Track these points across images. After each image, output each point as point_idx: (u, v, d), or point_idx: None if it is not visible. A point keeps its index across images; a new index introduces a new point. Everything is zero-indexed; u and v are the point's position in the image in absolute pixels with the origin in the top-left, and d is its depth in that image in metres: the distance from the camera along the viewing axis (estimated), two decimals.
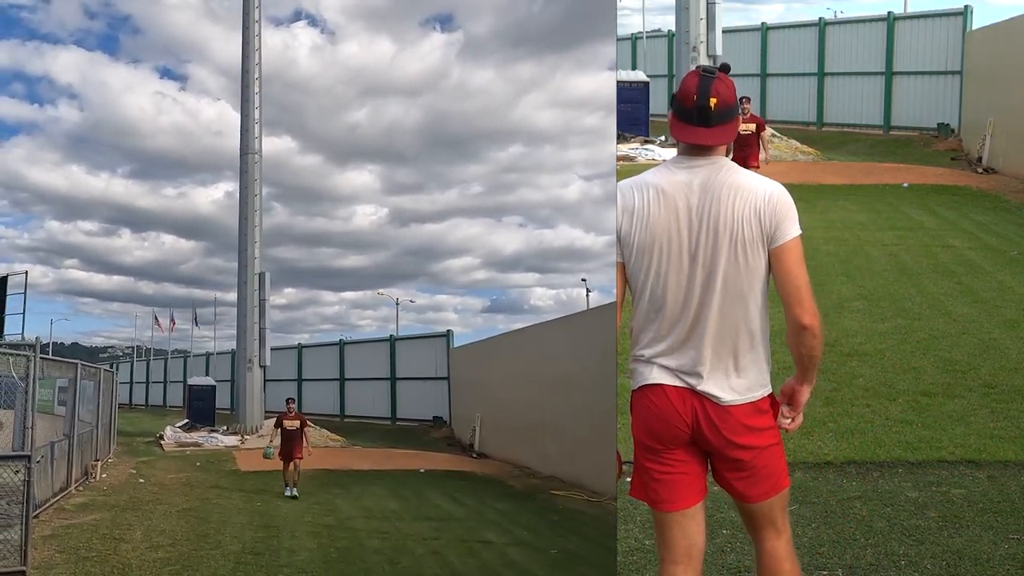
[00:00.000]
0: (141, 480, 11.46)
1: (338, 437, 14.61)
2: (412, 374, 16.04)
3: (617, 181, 3.85)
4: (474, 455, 14.13)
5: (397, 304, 17.38)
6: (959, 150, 26.53)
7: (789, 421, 3.84)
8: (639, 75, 27.75)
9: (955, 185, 22.10)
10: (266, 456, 11.77)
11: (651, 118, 26.88)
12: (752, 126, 13.71)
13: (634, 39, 37.78)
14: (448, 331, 15.87)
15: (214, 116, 16.80)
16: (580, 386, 12.16)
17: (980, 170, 23.84)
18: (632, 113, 25.84)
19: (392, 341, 16.40)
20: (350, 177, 18.06)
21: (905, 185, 21.86)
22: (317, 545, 8.78)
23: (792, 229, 3.58)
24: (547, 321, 14.38)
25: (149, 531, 8.93)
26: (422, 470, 12.99)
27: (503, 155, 17.45)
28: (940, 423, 7.92)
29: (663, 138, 25.90)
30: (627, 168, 19.50)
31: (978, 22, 27.78)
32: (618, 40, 36.01)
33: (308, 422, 12.02)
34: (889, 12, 30.28)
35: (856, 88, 30.89)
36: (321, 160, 17.67)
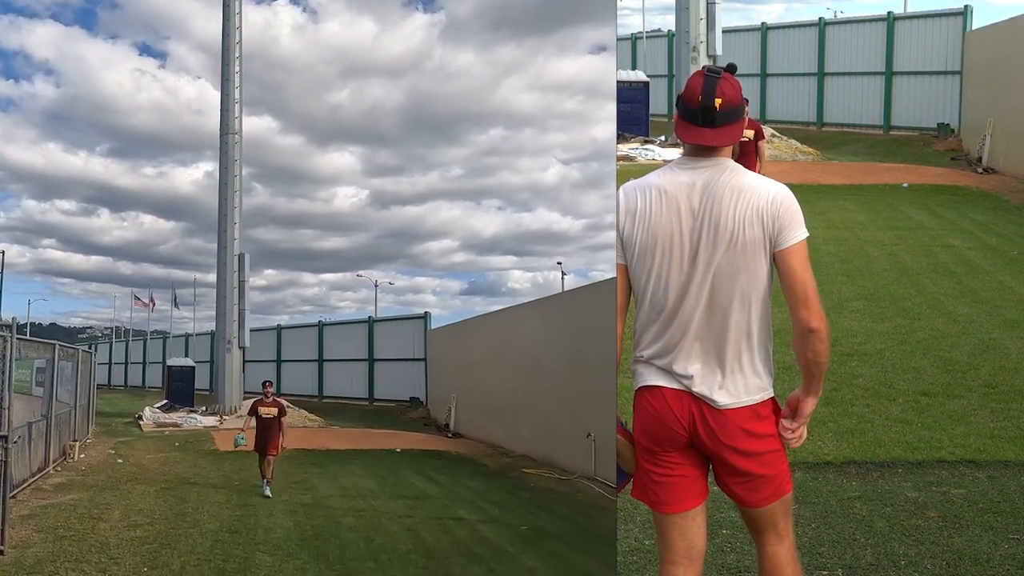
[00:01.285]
0: (119, 460, 11.49)
1: (316, 417, 14.74)
2: (390, 355, 16.17)
3: (617, 181, 3.85)
4: (449, 435, 14.33)
5: (376, 286, 17.48)
6: (959, 150, 26.51)
7: (791, 434, 3.68)
8: (639, 75, 27.71)
9: (955, 185, 22.10)
10: (236, 444, 11.10)
11: (651, 118, 26.85)
12: (750, 133, 12.89)
13: (634, 39, 37.75)
14: (426, 313, 15.98)
15: (194, 94, 16.65)
16: (552, 368, 12.42)
17: (980, 170, 23.83)
18: (632, 113, 25.80)
19: (370, 323, 16.50)
20: (331, 158, 18.02)
21: (905, 185, 21.85)
22: (294, 523, 8.89)
23: (797, 233, 3.54)
24: (521, 304, 14.58)
25: (127, 510, 9.01)
26: (398, 449, 13.17)
27: (483, 138, 17.46)
28: (940, 423, 7.93)
29: (663, 138, 25.89)
30: (627, 168, 19.49)
31: (978, 22, 27.78)
32: (618, 40, 35.99)
33: (286, 408, 11.20)
34: (889, 12, 30.26)
35: (856, 88, 30.87)
36: (302, 141, 17.60)
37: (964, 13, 27.75)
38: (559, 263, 18.29)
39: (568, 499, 10.27)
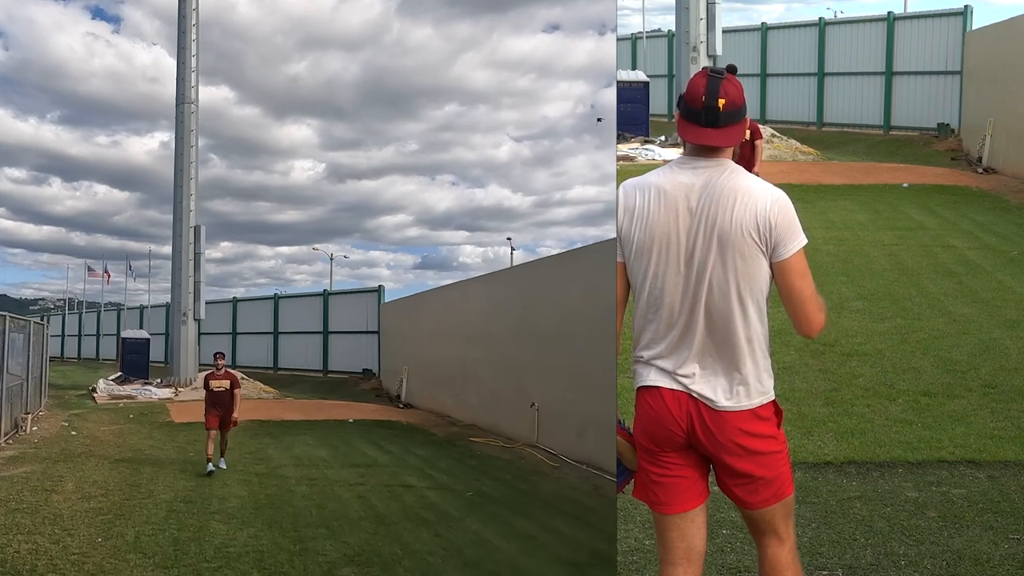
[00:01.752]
0: (73, 433, 11.49)
1: (271, 389, 14.82)
2: (344, 328, 16.29)
3: (618, 181, 3.84)
4: (401, 405, 14.60)
5: (331, 259, 17.56)
6: (959, 150, 26.51)
7: None
8: (639, 75, 27.71)
9: (955, 185, 22.09)
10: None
11: (651, 118, 26.85)
12: (747, 132, 12.92)
13: (634, 39, 37.73)
14: (379, 286, 16.10)
15: (149, 62, 16.43)
16: (499, 339, 12.84)
17: (980, 170, 23.83)
18: (632, 113, 25.80)
19: (325, 296, 16.59)
20: (289, 131, 17.98)
21: (905, 185, 21.85)
22: (248, 492, 9.02)
23: (794, 243, 3.54)
24: (471, 278, 14.80)
25: (81, 482, 9.08)
26: (351, 420, 13.45)
27: (439, 113, 17.51)
28: (940, 423, 7.93)
29: (663, 138, 25.89)
30: (627, 168, 19.49)
31: (978, 22, 27.77)
32: (618, 40, 35.98)
33: (240, 381, 10.76)
34: (889, 12, 30.26)
35: (856, 88, 30.87)
36: (259, 112, 17.52)
37: (964, 13, 27.74)
38: (508, 239, 18.48)
39: (512, 466, 10.69)
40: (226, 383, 10.42)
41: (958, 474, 6.84)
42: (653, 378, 3.65)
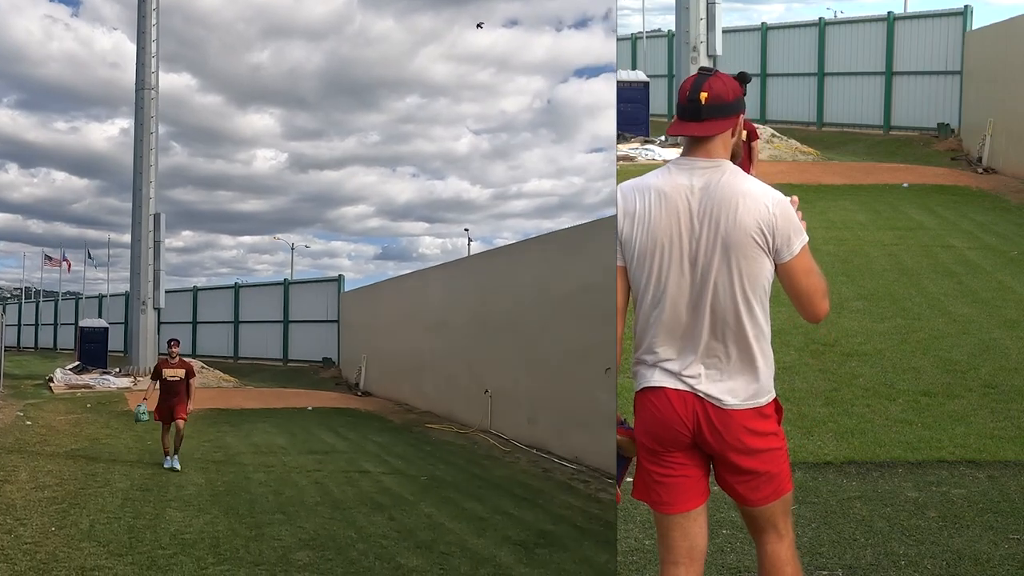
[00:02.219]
0: (28, 422, 11.45)
1: (231, 378, 14.82)
2: (304, 317, 16.33)
3: (618, 182, 3.85)
4: (359, 393, 14.69)
5: (292, 249, 17.62)
6: (959, 150, 26.50)
7: None
8: (639, 75, 27.71)
9: (955, 185, 22.09)
10: (138, 419, 10.10)
11: (651, 118, 26.85)
12: (743, 133, 12.22)
13: (634, 39, 37.73)
14: (339, 276, 16.14)
15: (109, 47, 16.27)
16: (455, 328, 13.07)
17: (980, 170, 23.83)
18: (632, 113, 25.80)
19: (286, 285, 16.59)
20: (251, 120, 17.93)
21: (905, 185, 21.85)
22: (205, 480, 9.08)
23: (796, 243, 3.58)
24: (429, 268, 14.89)
25: (35, 472, 9.09)
26: (310, 408, 13.61)
27: (400, 105, 17.56)
28: (940, 423, 7.93)
29: (663, 138, 25.88)
30: (627, 168, 19.49)
31: (978, 22, 27.76)
32: (618, 40, 36.00)
33: (195, 369, 10.27)
34: (889, 12, 30.26)
35: (856, 88, 30.87)
36: (222, 100, 17.44)
37: (964, 13, 27.74)
38: (466, 230, 18.57)
39: (465, 451, 10.96)
40: (181, 372, 9.88)
41: (958, 474, 6.85)
42: (658, 379, 3.66)
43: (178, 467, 9.56)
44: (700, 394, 3.60)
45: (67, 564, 6.53)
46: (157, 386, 9.88)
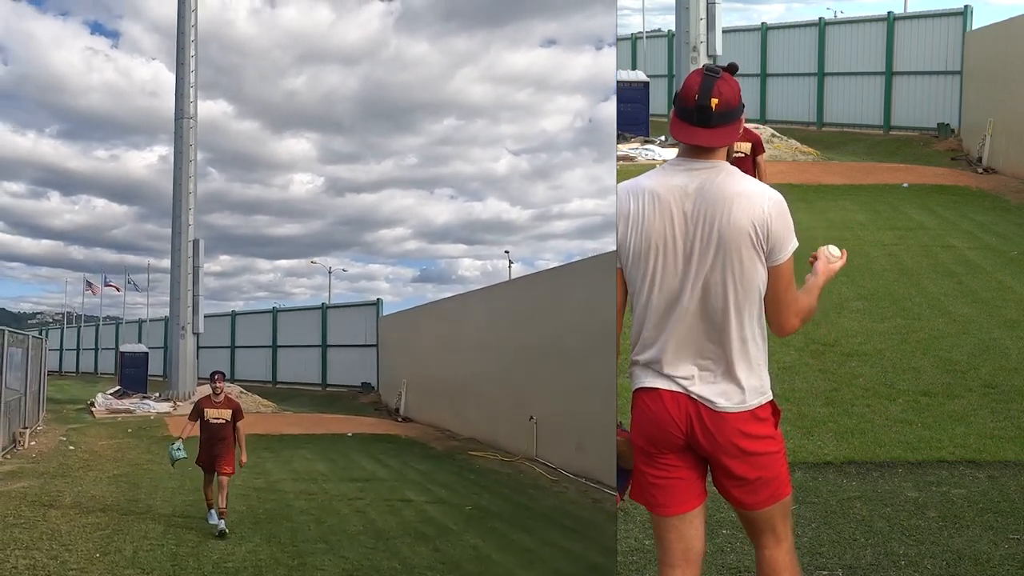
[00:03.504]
0: (71, 447, 11.45)
1: (269, 403, 14.80)
2: (342, 341, 16.31)
3: (618, 182, 3.83)
4: (399, 419, 14.60)
5: (330, 273, 17.61)
6: (959, 150, 26.50)
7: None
8: (639, 75, 27.70)
9: (955, 185, 22.09)
10: (173, 460, 8.37)
11: (651, 118, 26.83)
12: (747, 146, 10.48)
13: (634, 39, 37.72)
14: (378, 300, 16.14)
15: (148, 76, 16.44)
16: (498, 353, 12.84)
17: (980, 170, 23.82)
18: (632, 113, 25.79)
19: (324, 309, 16.61)
20: (287, 144, 18.02)
21: (905, 185, 21.84)
22: (246, 507, 8.97)
23: (786, 250, 3.56)
24: (470, 291, 14.87)
25: (79, 497, 9.04)
26: (349, 434, 13.40)
27: (438, 127, 17.57)
28: (940, 423, 7.93)
29: (663, 138, 25.86)
30: (627, 168, 19.50)
31: (978, 22, 27.75)
32: (618, 40, 35.97)
33: (242, 410, 8.47)
34: (889, 12, 30.25)
35: (856, 88, 30.86)
36: (258, 126, 17.54)
37: (964, 13, 27.74)
38: (507, 252, 18.55)
39: (511, 480, 10.68)
40: (227, 413, 8.28)
41: (958, 474, 6.84)
42: (651, 380, 3.65)
43: (225, 528, 7.98)
44: (693, 395, 3.59)
45: None
46: (196, 427, 8.31)
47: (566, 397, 10.94)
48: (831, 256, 3.87)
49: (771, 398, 3.67)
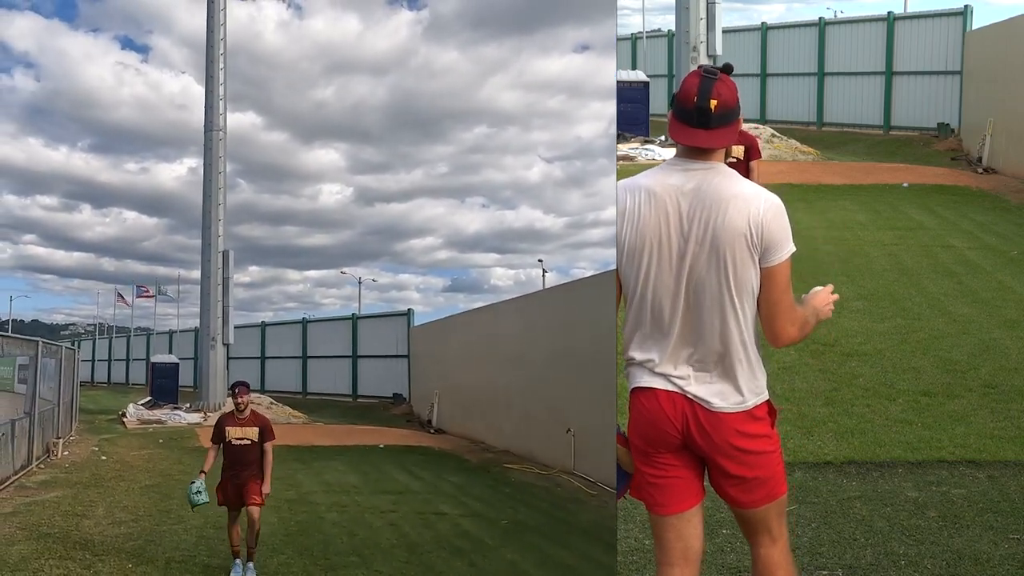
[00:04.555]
0: (103, 457, 11.47)
1: (300, 414, 14.77)
2: (373, 352, 16.24)
3: (617, 181, 3.83)
4: (432, 431, 14.49)
5: (360, 283, 17.57)
6: (959, 150, 26.50)
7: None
8: (639, 75, 27.71)
9: (955, 185, 22.09)
10: (192, 503, 7.10)
11: (651, 118, 26.84)
12: (740, 150, 9.93)
13: (634, 39, 37.73)
14: (409, 310, 16.09)
15: (177, 90, 16.53)
16: (533, 363, 12.62)
17: (980, 170, 23.82)
18: (632, 113, 25.80)
19: (354, 319, 16.57)
20: (316, 155, 18.01)
21: (905, 185, 21.85)
22: (278, 519, 8.89)
23: (784, 251, 3.54)
24: (503, 301, 14.75)
25: (111, 507, 9.04)
26: (381, 445, 13.25)
27: (468, 136, 17.53)
28: (940, 423, 7.92)
29: (663, 138, 25.87)
30: (627, 168, 19.49)
31: (978, 22, 27.77)
32: (618, 40, 35.97)
33: (272, 428, 7.13)
34: (889, 12, 30.27)
35: (856, 88, 30.88)
36: (287, 137, 17.56)
37: (964, 13, 27.75)
38: (540, 260, 18.43)
39: (548, 493, 10.44)
40: (253, 432, 6.98)
41: (958, 474, 6.84)
42: (647, 380, 3.64)
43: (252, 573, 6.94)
44: (689, 395, 3.59)
45: None
46: (218, 451, 7.06)
47: (603, 408, 10.66)
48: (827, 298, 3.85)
49: (767, 398, 3.67)
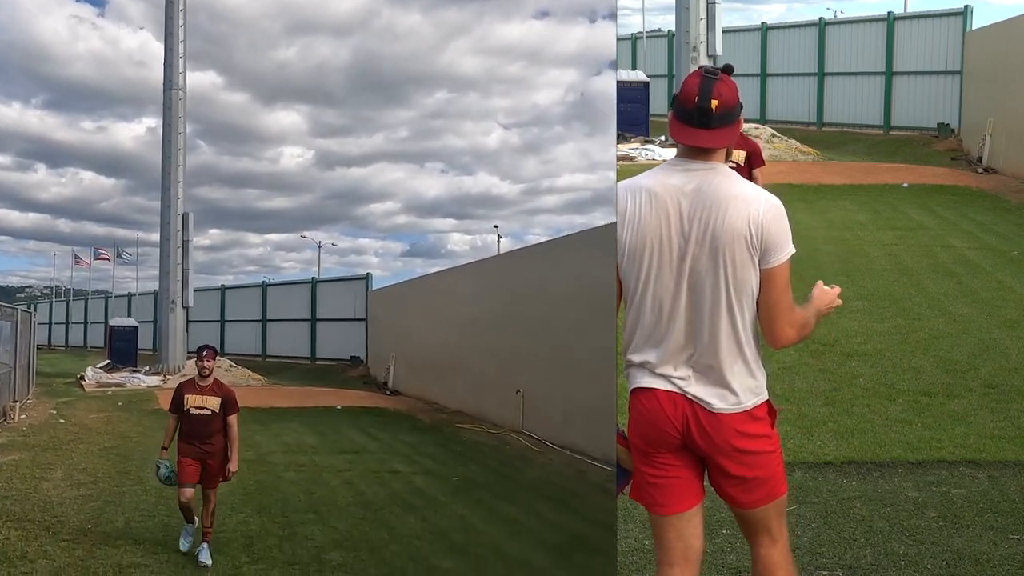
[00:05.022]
0: (62, 420, 11.46)
1: (259, 376, 14.84)
2: (332, 315, 16.43)
3: (617, 181, 3.84)
4: (388, 392, 14.67)
5: (319, 247, 17.67)
6: (959, 150, 26.51)
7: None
8: (639, 75, 27.72)
9: (955, 185, 22.09)
10: (161, 480, 6.75)
11: (651, 118, 26.84)
12: (741, 155, 9.44)
13: (634, 39, 37.74)
14: (367, 274, 16.22)
15: (135, 46, 16.32)
16: (486, 327, 12.97)
17: (980, 170, 23.83)
18: (632, 113, 25.81)
19: (313, 283, 16.71)
20: (278, 117, 17.90)
21: (905, 185, 21.85)
22: (237, 479, 8.98)
23: (783, 252, 3.55)
24: (458, 266, 15.07)
25: (70, 469, 9.06)
26: (339, 407, 13.46)
27: (430, 101, 17.50)
28: (940, 423, 7.92)
29: (663, 138, 25.88)
30: (627, 168, 19.50)
31: (978, 22, 27.77)
32: (618, 40, 35.99)
33: (236, 400, 6.64)
34: (889, 12, 30.27)
35: (856, 88, 30.88)
36: (248, 98, 17.43)
37: (964, 13, 27.75)
38: (496, 227, 18.57)
39: (497, 451, 10.82)
40: (215, 402, 6.42)
41: (958, 474, 6.84)
42: (648, 380, 3.65)
43: (208, 562, 6.45)
44: (690, 396, 3.59)
45: (104, 561, 6.61)
46: (176, 422, 6.58)
47: (552, 370, 11.09)
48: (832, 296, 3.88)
49: (767, 398, 3.67)
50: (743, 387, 3.59)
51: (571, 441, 10.42)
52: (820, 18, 32.62)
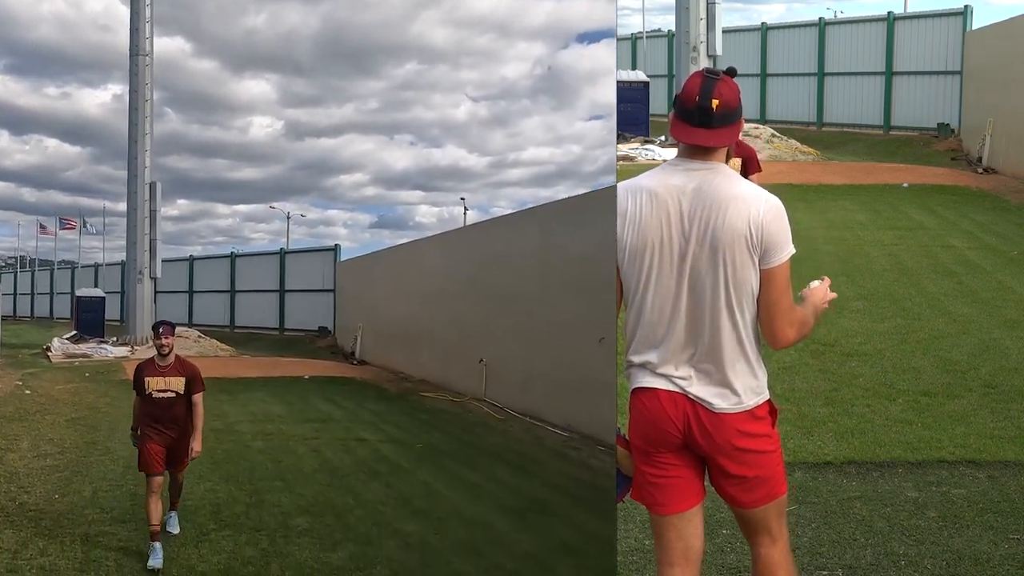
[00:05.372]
0: (27, 391, 11.44)
1: (227, 347, 14.84)
2: (300, 286, 16.50)
3: (617, 181, 3.84)
4: (355, 362, 14.83)
5: (288, 218, 17.69)
6: (959, 150, 26.52)
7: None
8: (639, 75, 27.74)
9: (955, 185, 22.10)
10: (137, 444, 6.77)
11: (651, 118, 26.85)
12: (737, 162, 8.93)
13: (634, 39, 37.75)
14: (336, 245, 16.26)
15: (100, 9, 16.04)
16: (451, 298, 13.20)
17: (980, 170, 23.83)
18: (632, 113, 25.83)
19: (282, 254, 16.73)
20: (247, 85, 17.71)
21: (905, 185, 21.86)
22: (205, 448, 8.96)
23: (783, 253, 3.55)
24: (425, 238, 15.26)
25: (37, 440, 9.08)
26: (306, 377, 13.58)
27: (399, 72, 17.42)
28: (940, 423, 7.92)
29: (663, 138, 25.88)
30: (627, 168, 19.50)
31: (978, 22, 27.81)
32: (618, 40, 35.99)
33: (201, 378, 6.22)
34: (889, 12, 30.28)
35: (856, 88, 30.89)
36: (216, 66, 17.21)
37: (964, 13, 27.76)
38: (463, 199, 18.65)
39: (459, 419, 11.10)
40: (177, 383, 6.06)
41: (958, 474, 6.84)
42: (649, 380, 3.65)
43: (176, 530, 6.40)
44: (691, 396, 3.59)
45: (71, 531, 6.65)
46: (138, 405, 6.27)
47: (514, 340, 11.35)
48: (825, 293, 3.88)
49: (768, 397, 3.68)
50: (744, 386, 3.59)
51: (530, 408, 10.72)
52: (820, 18, 32.64)
